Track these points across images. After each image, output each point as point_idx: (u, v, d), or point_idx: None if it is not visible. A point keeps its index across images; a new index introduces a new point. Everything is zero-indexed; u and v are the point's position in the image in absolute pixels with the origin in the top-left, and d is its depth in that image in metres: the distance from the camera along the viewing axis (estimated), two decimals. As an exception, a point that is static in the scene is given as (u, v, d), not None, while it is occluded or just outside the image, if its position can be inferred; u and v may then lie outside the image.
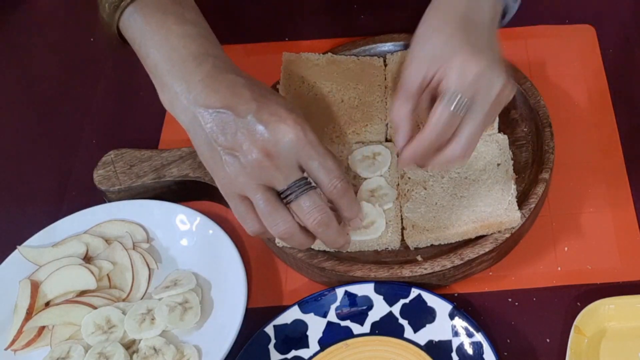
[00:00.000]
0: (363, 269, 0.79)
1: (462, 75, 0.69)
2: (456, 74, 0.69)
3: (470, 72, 0.69)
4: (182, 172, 0.87)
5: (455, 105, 0.69)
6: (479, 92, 0.69)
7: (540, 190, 0.82)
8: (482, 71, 0.69)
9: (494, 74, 0.70)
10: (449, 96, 0.69)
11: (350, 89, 0.91)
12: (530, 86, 0.90)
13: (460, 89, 0.69)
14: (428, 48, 0.72)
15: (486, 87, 0.69)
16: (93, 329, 0.77)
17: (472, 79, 0.69)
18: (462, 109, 0.69)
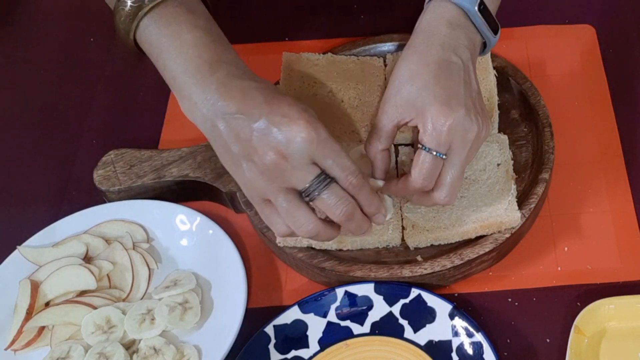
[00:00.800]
0: (363, 269, 0.79)
1: (436, 128, 0.71)
2: (431, 126, 0.71)
3: (444, 124, 0.71)
4: (182, 172, 0.87)
5: (435, 153, 0.72)
6: (455, 141, 0.72)
7: (540, 190, 0.82)
8: (455, 122, 0.71)
9: (466, 122, 0.72)
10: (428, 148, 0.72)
11: (350, 89, 0.91)
12: (530, 86, 0.90)
13: (436, 141, 0.71)
14: (403, 93, 0.73)
15: (461, 135, 0.72)
16: (93, 329, 0.77)
17: (447, 130, 0.71)
18: (442, 156, 0.72)
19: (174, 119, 0.96)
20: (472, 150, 0.74)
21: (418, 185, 0.73)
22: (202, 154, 0.88)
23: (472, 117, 0.72)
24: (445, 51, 0.74)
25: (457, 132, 0.71)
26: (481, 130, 0.74)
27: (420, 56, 0.74)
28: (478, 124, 0.73)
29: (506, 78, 0.91)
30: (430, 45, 0.74)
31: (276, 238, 0.80)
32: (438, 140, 0.71)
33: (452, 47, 0.74)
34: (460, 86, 0.73)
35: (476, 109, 0.74)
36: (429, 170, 0.72)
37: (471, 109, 0.73)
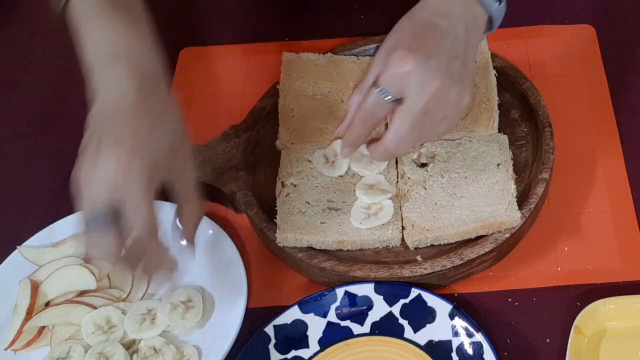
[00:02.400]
0: (363, 269, 0.79)
1: (391, 70, 0.72)
2: (389, 69, 0.72)
3: (399, 68, 0.71)
4: (182, 172, 0.87)
5: (381, 91, 0.72)
6: (408, 88, 0.72)
7: (540, 190, 0.82)
8: (412, 69, 0.71)
9: (426, 73, 0.71)
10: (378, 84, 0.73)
11: (350, 89, 0.91)
12: (530, 86, 0.90)
13: (386, 82, 0.72)
14: (384, 48, 0.75)
15: (418, 84, 0.71)
16: (93, 329, 0.77)
17: (400, 74, 0.72)
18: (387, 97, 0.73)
19: (174, 119, 0.96)
20: (433, 104, 0.72)
21: (359, 119, 0.74)
22: (202, 154, 0.88)
23: (436, 71, 0.71)
24: (435, 16, 0.74)
25: (413, 79, 0.71)
26: (448, 89, 0.72)
27: (409, 18, 0.76)
28: (443, 80, 0.72)
29: (506, 78, 0.91)
30: (422, 10, 0.76)
31: (276, 238, 0.80)
32: (388, 80, 0.72)
33: (444, 14, 0.74)
34: (438, 46, 0.73)
35: (448, 69, 0.72)
36: (371, 106, 0.73)
37: (440, 65, 0.72)
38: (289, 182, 0.85)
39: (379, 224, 0.81)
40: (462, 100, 0.74)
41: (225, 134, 0.89)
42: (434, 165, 0.85)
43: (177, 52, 1.02)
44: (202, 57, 1.02)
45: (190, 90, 0.99)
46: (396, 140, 0.74)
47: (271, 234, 0.81)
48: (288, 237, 0.80)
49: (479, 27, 0.77)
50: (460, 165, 0.85)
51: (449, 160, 0.85)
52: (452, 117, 0.75)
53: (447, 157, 0.85)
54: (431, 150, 0.86)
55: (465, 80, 0.75)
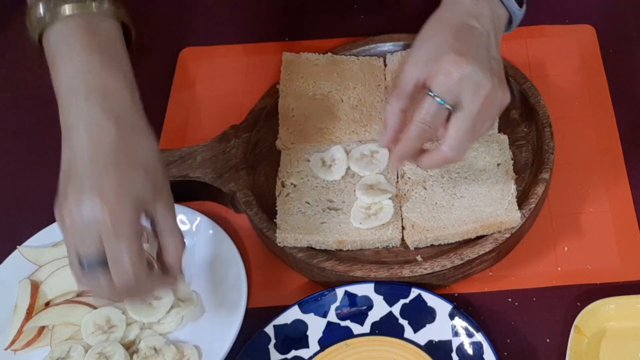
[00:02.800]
0: (363, 269, 0.79)
1: (446, 77, 0.70)
2: (442, 75, 0.71)
3: (455, 73, 0.70)
4: (182, 172, 0.87)
5: (438, 99, 0.71)
6: (464, 93, 0.71)
7: (540, 190, 0.82)
8: (467, 73, 0.70)
9: (479, 76, 0.71)
10: (434, 93, 0.71)
11: (350, 89, 0.91)
12: (530, 86, 0.90)
13: (444, 88, 0.71)
14: (423, 52, 0.73)
15: (472, 88, 0.71)
16: (93, 329, 0.77)
17: (456, 80, 0.70)
18: (447, 105, 0.71)
19: (174, 119, 0.96)
20: (484, 107, 0.72)
21: (418, 131, 0.72)
22: (202, 154, 0.88)
23: (487, 75, 0.71)
24: (468, 17, 0.74)
25: (468, 84, 0.70)
26: (496, 90, 0.72)
27: (442, 19, 0.75)
28: (493, 83, 0.71)
29: (506, 78, 0.91)
30: (453, 12, 0.75)
31: (276, 238, 0.80)
32: (446, 87, 0.70)
33: (475, 15, 0.74)
34: (479, 47, 0.73)
35: (493, 71, 0.73)
36: (430, 116, 0.71)
37: (487, 68, 0.72)
38: (289, 182, 0.85)
39: (379, 224, 0.81)
40: (505, 100, 0.74)
41: (225, 134, 0.89)
42: (434, 165, 0.85)
43: (177, 52, 1.02)
44: (202, 57, 1.02)
45: (190, 90, 0.99)
46: (456, 147, 0.72)
47: (271, 234, 0.81)
48: (288, 237, 0.80)
49: (502, 27, 0.78)
50: (460, 165, 0.85)
51: (449, 160, 0.85)
52: (494, 116, 0.75)
53: (447, 157, 0.85)
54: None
55: (504, 79, 0.75)
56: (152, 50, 1.04)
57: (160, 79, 1.00)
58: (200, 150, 0.88)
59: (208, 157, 0.87)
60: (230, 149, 0.88)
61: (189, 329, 0.79)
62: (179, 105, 0.97)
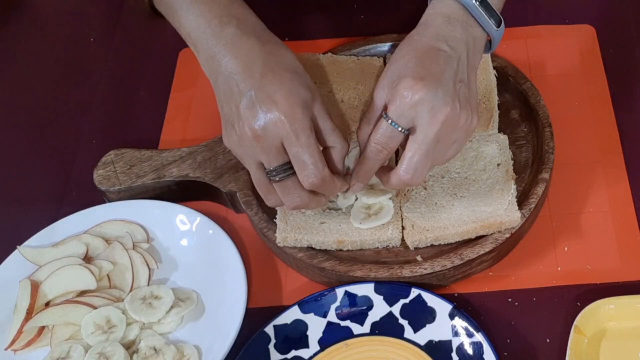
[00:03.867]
0: (363, 269, 0.79)
1: (401, 101, 0.71)
2: (397, 99, 0.71)
3: (409, 98, 0.70)
4: (182, 172, 0.87)
5: (392, 122, 0.71)
6: (418, 118, 0.71)
7: (540, 190, 0.82)
8: (422, 98, 0.70)
9: (436, 101, 0.70)
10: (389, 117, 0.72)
11: (350, 89, 0.91)
12: (530, 86, 0.90)
13: (397, 112, 0.71)
14: (388, 75, 0.74)
15: (428, 113, 0.70)
16: (93, 329, 0.77)
17: (410, 104, 0.70)
18: (399, 129, 0.72)
19: (174, 119, 0.96)
20: (444, 132, 0.71)
21: (373, 151, 0.73)
22: (202, 154, 0.88)
23: (446, 99, 0.71)
24: (436, 40, 0.74)
25: (423, 108, 0.70)
26: (457, 115, 0.71)
27: (410, 42, 0.75)
28: (452, 107, 0.71)
29: (506, 78, 0.91)
30: (422, 35, 0.75)
31: (276, 238, 0.80)
32: (399, 111, 0.71)
33: (445, 38, 0.74)
34: (444, 72, 0.72)
35: (455, 95, 0.72)
36: (385, 138, 0.72)
37: (448, 92, 0.71)
38: (289, 182, 0.85)
39: (379, 224, 0.81)
40: (471, 124, 0.74)
41: (225, 134, 0.89)
42: (434, 165, 0.85)
43: (177, 52, 1.02)
44: (202, 57, 1.02)
45: (190, 90, 0.99)
46: (411, 170, 0.72)
47: (271, 234, 0.81)
48: (288, 237, 0.80)
49: (479, 48, 0.77)
50: (460, 165, 0.85)
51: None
52: (461, 140, 0.75)
53: (447, 157, 0.85)
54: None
55: (472, 102, 0.74)
56: (152, 50, 1.04)
57: (160, 79, 1.00)
58: (200, 150, 0.88)
59: (208, 157, 0.87)
60: (230, 149, 0.88)
61: (189, 329, 0.79)
62: (179, 105, 0.98)
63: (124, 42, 1.05)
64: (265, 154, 0.71)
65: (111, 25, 1.07)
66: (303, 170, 0.71)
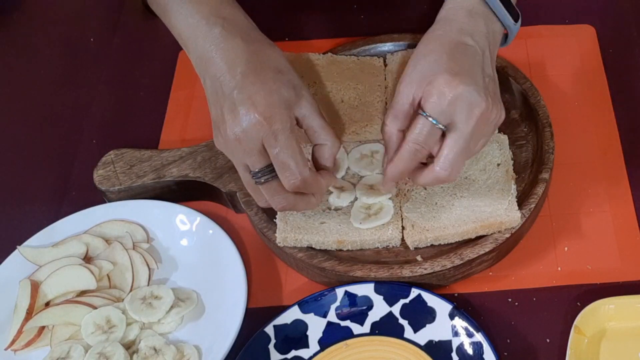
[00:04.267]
0: (363, 269, 0.79)
1: (440, 97, 0.70)
2: (436, 95, 0.71)
3: (448, 94, 0.70)
4: (182, 172, 0.87)
5: (432, 120, 0.71)
6: (457, 114, 0.71)
7: (540, 190, 0.82)
8: (461, 94, 0.70)
9: (473, 96, 0.71)
10: (428, 113, 0.71)
11: (350, 89, 0.91)
12: (530, 86, 0.90)
13: (437, 109, 0.71)
14: (417, 71, 0.73)
15: (466, 109, 0.71)
16: (93, 329, 0.77)
17: (450, 100, 0.70)
18: (440, 125, 0.71)
19: (174, 119, 0.96)
20: (478, 127, 0.72)
21: (410, 151, 0.72)
22: (202, 154, 0.88)
23: (481, 94, 0.71)
24: (462, 35, 0.74)
25: (462, 104, 0.70)
26: (490, 110, 0.72)
27: (437, 38, 0.75)
28: (487, 102, 0.71)
29: (506, 78, 0.91)
30: (447, 30, 0.75)
31: (276, 238, 0.80)
32: (439, 108, 0.70)
33: (470, 33, 0.75)
34: (473, 65, 0.73)
35: (488, 90, 0.73)
36: (423, 136, 0.71)
37: (481, 87, 0.72)
38: (289, 182, 0.85)
39: (379, 224, 0.81)
40: (500, 118, 0.74)
41: (225, 134, 0.89)
42: (434, 165, 0.85)
43: (177, 52, 1.02)
44: (202, 57, 1.02)
45: (190, 90, 0.99)
46: (449, 167, 0.72)
47: (271, 234, 0.81)
48: (288, 237, 0.80)
49: (498, 42, 0.79)
50: (460, 165, 0.85)
51: (449, 160, 0.85)
52: (489, 134, 0.75)
53: (447, 157, 0.85)
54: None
55: (499, 97, 0.75)
56: (152, 50, 1.04)
57: (160, 79, 1.00)
58: (200, 150, 0.88)
59: (208, 157, 0.87)
60: (230, 149, 0.88)
61: (189, 329, 0.79)
62: (179, 105, 0.98)
63: (124, 42, 1.05)
64: (248, 157, 0.71)
65: (111, 25, 1.07)
66: (284, 172, 0.71)
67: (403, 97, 0.73)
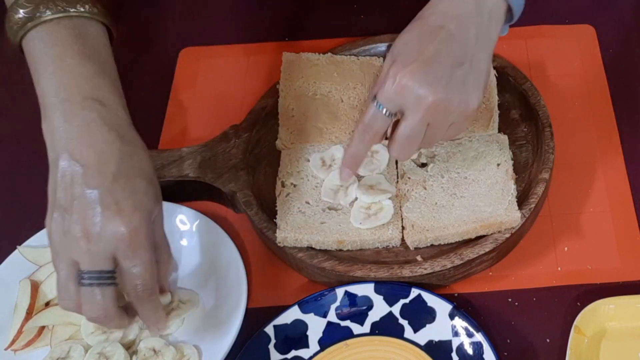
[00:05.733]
0: (363, 269, 0.79)
1: (389, 86, 0.72)
2: (386, 84, 0.72)
3: (397, 84, 0.71)
4: (182, 172, 0.87)
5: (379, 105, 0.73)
6: (405, 103, 0.72)
7: (540, 190, 0.82)
8: (406, 84, 0.71)
9: (422, 87, 0.70)
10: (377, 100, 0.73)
11: (350, 89, 0.91)
12: (530, 86, 0.90)
13: (385, 97, 0.72)
14: (393, 49, 0.74)
15: (412, 99, 0.71)
16: (93, 329, 0.77)
17: (397, 90, 0.71)
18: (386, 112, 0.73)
19: (174, 119, 0.96)
20: (430, 116, 0.72)
21: (359, 133, 0.75)
22: (202, 154, 0.88)
23: (435, 86, 0.70)
24: (444, 18, 0.73)
25: (408, 94, 0.71)
26: (448, 100, 0.71)
27: (418, 19, 0.75)
28: (439, 94, 0.70)
29: (506, 78, 0.91)
30: (432, 12, 0.74)
31: (276, 238, 0.80)
32: (387, 96, 0.72)
33: (453, 16, 0.73)
34: (439, 52, 0.71)
35: (448, 79, 0.71)
36: (371, 120, 0.73)
37: (438, 77, 0.71)
38: (289, 182, 0.85)
39: (379, 224, 0.81)
40: (468, 106, 0.73)
41: (225, 134, 0.89)
42: (434, 165, 0.85)
43: (177, 52, 1.02)
44: (202, 57, 1.02)
45: (190, 90, 0.99)
46: (398, 150, 0.75)
47: (271, 234, 0.81)
48: (288, 237, 0.80)
49: (498, 19, 0.75)
50: (460, 165, 0.85)
51: (449, 160, 0.85)
52: (460, 122, 0.75)
53: (447, 157, 0.85)
54: (431, 151, 0.86)
55: (472, 84, 0.73)
56: (152, 50, 1.04)
57: (160, 79, 1.00)
58: (200, 150, 0.88)
59: (208, 157, 0.87)
60: (230, 149, 0.88)
61: (189, 329, 0.79)
62: (179, 105, 0.98)
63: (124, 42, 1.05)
64: (87, 256, 0.65)
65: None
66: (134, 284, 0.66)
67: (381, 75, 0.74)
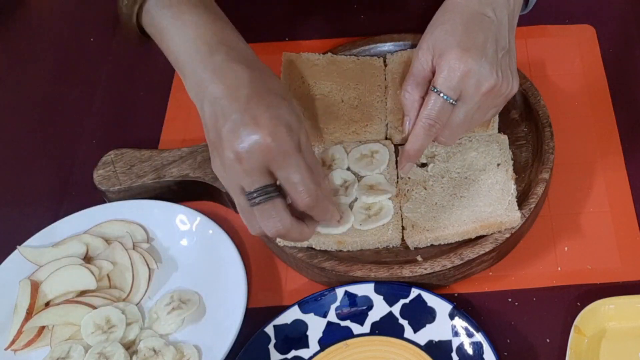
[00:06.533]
0: (363, 269, 0.79)
1: (450, 73, 0.73)
2: (446, 71, 0.73)
3: (458, 70, 0.73)
4: (182, 172, 0.87)
5: (443, 95, 0.74)
6: (467, 89, 0.74)
7: (540, 190, 0.82)
8: (470, 69, 0.73)
9: (482, 72, 0.73)
10: (439, 89, 0.74)
11: (350, 89, 0.91)
12: (530, 86, 0.90)
13: (447, 85, 0.73)
14: (433, 37, 0.76)
15: (474, 84, 0.74)
16: (93, 329, 0.77)
17: (459, 76, 0.73)
18: (451, 100, 0.74)
19: (174, 119, 0.96)
20: (485, 100, 0.75)
21: (424, 127, 0.75)
22: (202, 154, 0.88)
23: (490, 70, 0.74)
24: (481, 5, 0.76)
25: (471, 80, 0.73)
26: (500, 84, 0.75)
27: (456, 6, 0.76)
28: (496, 78, 0.74)
29: (506, 78, 0.91)
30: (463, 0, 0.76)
31: (276, 238, 0.80)
32: (450, 84, 0.73)
33: (489, 3, 0.76)
34: (487, 39, 0.74)
35: (498, 64, 0.75)
36: (436, 112, 0.74)
37: (492, 63, 0.74)
38: (289, 182, 0.85)
39: (379, 225, 0.81)
40: (512, 90, 0.77)
41: (225, 134, 0.89)
42: (434, 166, 0.85)
43: (177, 52, 1.02)
44: (202, 57, 1.02)
45: (190, 90, 0.99)
46: (449, 136, 0.77)
47: (271, 233, 0.81)
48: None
49: (518, 9, 0.80)
50: (460, 165, 0.85)
51: (449, 160, 0.85)
52: (500, 105, 0.79)
53: (447, 157, 0.85)
54: (431, 151, 0.86)
55: (513, 69, 0.77)
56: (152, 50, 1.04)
57: (161, 78, 1.00)
58: (200, 150, 0.88)
59: (208, 157, 0.87)
60: (230, 149, 0.88)
61: (189, 329, 0.79)
62: (179, 105, 0.98)
63: (124, 43, 1.05)
64: (246, 176, 0.68)
65: (111, 25, 1.07)
66: (296, 190, 0.69)
67: (422, 63, 0.76)
